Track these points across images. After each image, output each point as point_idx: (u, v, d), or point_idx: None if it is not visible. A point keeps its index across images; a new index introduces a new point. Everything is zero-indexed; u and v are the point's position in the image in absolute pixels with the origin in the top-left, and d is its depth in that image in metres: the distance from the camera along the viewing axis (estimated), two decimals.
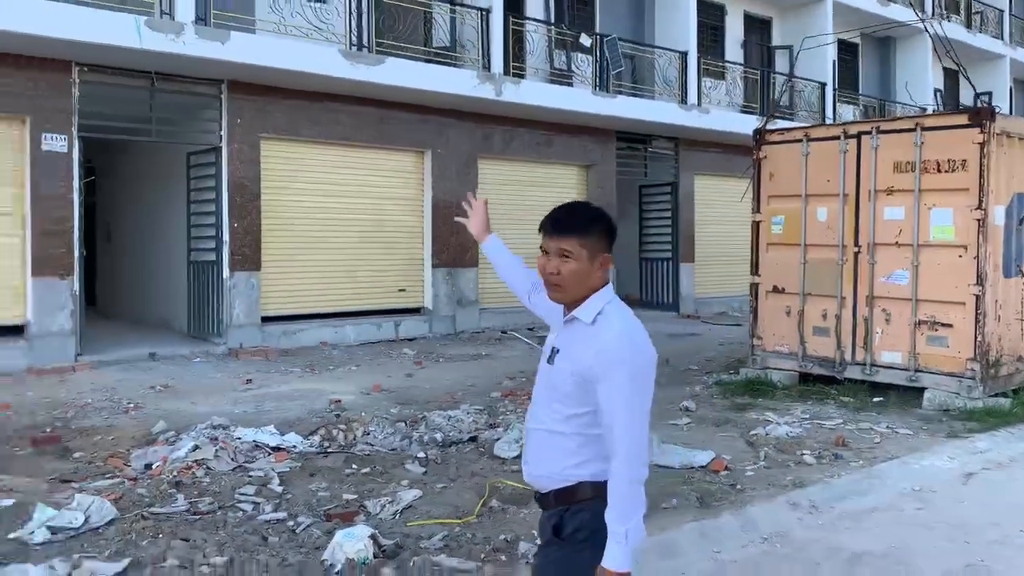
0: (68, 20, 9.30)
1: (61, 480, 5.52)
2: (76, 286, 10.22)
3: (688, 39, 16.66)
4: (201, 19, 10.49)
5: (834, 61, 20.51)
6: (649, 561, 4.06)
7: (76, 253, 10.23)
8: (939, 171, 8.16)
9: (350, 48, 11.77)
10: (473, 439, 6.83)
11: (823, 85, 19.55)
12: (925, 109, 19.93)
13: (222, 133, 11.39)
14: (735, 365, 10.04)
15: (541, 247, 2.45)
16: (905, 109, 21.54)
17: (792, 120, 18.23)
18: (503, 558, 4.39)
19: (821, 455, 6.31)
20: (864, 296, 8.59)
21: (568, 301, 2.46)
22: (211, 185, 11.58)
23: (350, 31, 11.89)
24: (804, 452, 6.37)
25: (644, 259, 18.11)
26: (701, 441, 6.74)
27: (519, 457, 6.14)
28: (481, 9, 13.46)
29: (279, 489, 5.46)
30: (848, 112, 21.16)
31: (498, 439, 6.65)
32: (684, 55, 16.55)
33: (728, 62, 18.52)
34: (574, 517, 2.38)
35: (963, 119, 8.10)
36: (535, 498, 2.57)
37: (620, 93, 15.51)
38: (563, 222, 2.43)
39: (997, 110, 8.23)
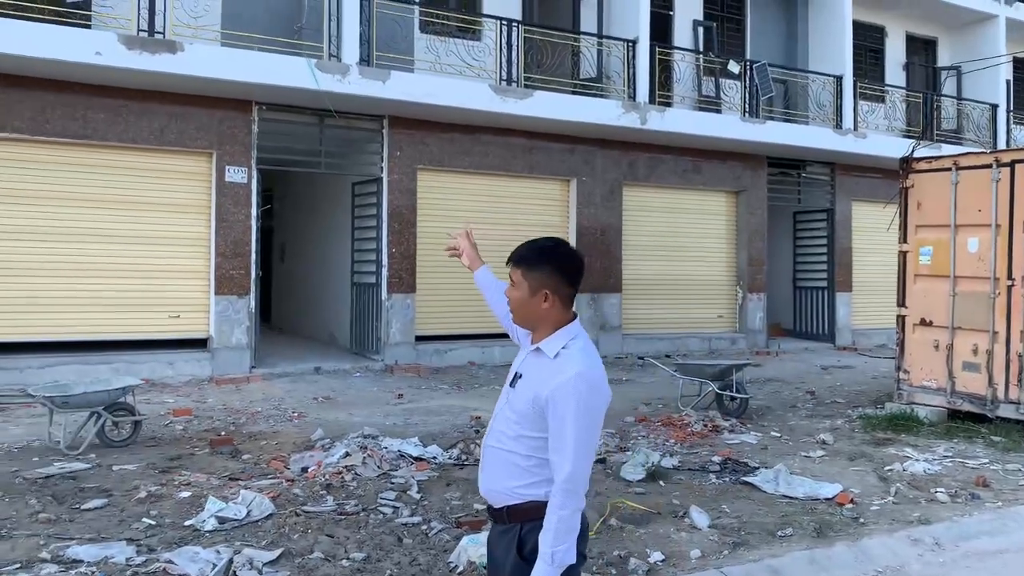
0: (249, 64, 10.45)
1: (230, 478, 6.26)
2: (252, 304, 11.33)
3: (844, 62, 16.27)
4: (364, 60, 11.43)
5: (1008, 81, 19.35)
6: None
7: (253, 274, 11.34)
8: None
9: (500, 83, 12.41)
10: (602, 460, 7.09)
11: (994, 107, 18.46)
12: None
13: (383, 165, 12.30)
14: (883, 399, 9.76)
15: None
16: None
17: (961, 145, 17.37)
18: (613, 572, 4.65)
19: (957, 494, 6.15)
20: (1019, 331, 8.20)
21: (524, 326, 2.70)
22: (373, 213, 12.51)
23: (500, 67, 12.54)
24: (939, 490, 6.22)
25: (799, 287, 17.71)
26: (832, 474, 6.70)
27: (644, 480, 6.40)
28: (628, 40, 13.79)
29: (417, 496, 5.94)
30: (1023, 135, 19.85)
31: (625, 462, 6.89)
32: (839, 79, 16.17)
33: (888, 85, 17.88)
34: (531, 535, 2.52)
35: None
36: (487, 511, 2.75)
37: (771, 118, 15.38)
38: (516, 253, 2.66)
39: None
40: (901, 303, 9.32)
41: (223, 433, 7.81)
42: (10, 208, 10.16)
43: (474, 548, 4.75)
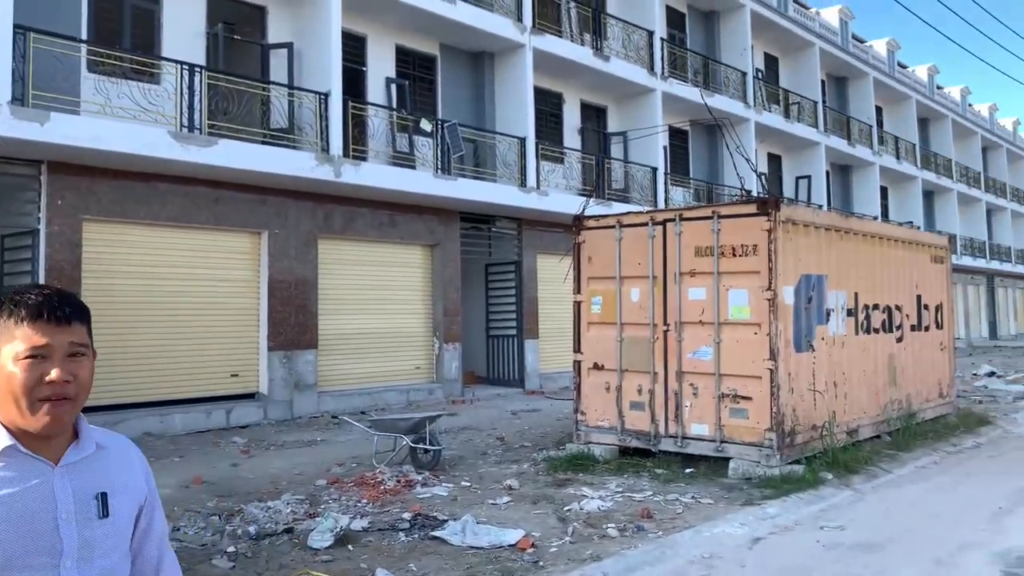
0: None
1: None
2: None
3: (527, 125, 17.44)
4: (18, 99, 10.19)
5: (665, 147, 21.95)
6: None
7: None
8: (734, 255, 8.87)
9: (180, 129, 11.68)
10: (289, 530, 6.72)
11: (655, 170, 20.82)
12: (750, 192, 21.58)
13: (40, 215, 10.97)
14: (565, 440, 10.34)
15: (29, 352, 1.64)
16: (731, 191, 23.22)
17: (628, 203, 19.29)
18: None
19: (625, 528, 6.60)
20: (674, 371, 9.13)
21: (69, 425, 1.71)
22: (27, 270, 11.10)
23: (180, 113, 11.81)
24: (610, 525, 6.64)
25: (491, 336, 18.46)
26: (516, 519, 6.90)
27: (331, 547, 6.14)
28: (320, 93, 13.68)
29: None
30: (679, 194, 22.59)
31: (313, 529, 6.59)
32: (523, 140, 17.30)
33: (566, 148, 19.47)
34: None
35: (753, 208, 8.87)
36: None
37: (462, 176, 16.01)
38: (66, 305, 1.70)
39: (783, 200, 9.08)
40: (577, 349, 10.00)
41: None
42: None
43: None
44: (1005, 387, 18.09)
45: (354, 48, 15.66)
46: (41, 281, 10.85)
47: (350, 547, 6.17)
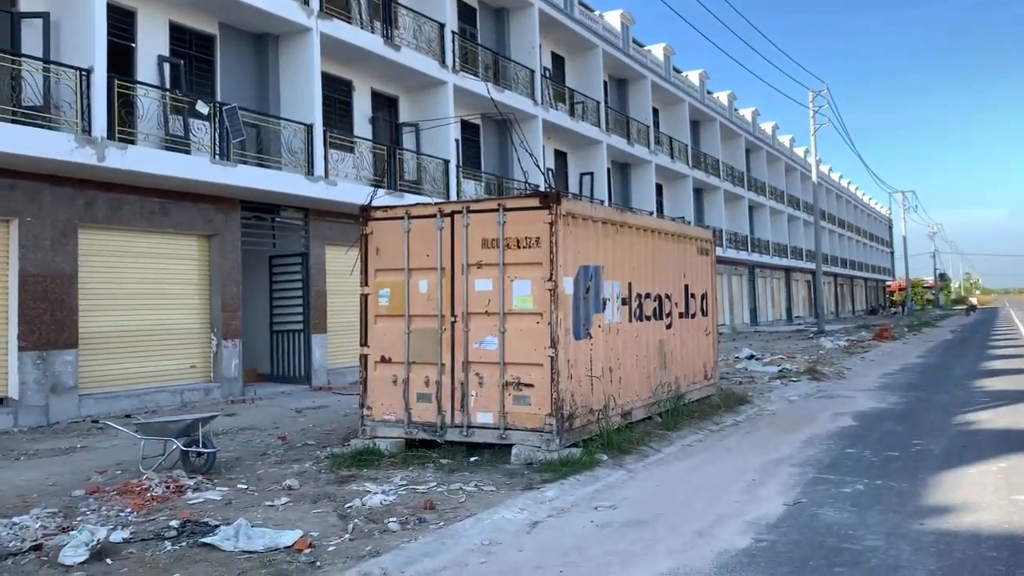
0: None
1: None
2: None
3: (314, 112, 16.92)
4: None
5: (457, 140, 22.13)
6: None
7: None
8: (519, 247, 9.05)
9: None
10: (37, 547, 6.08)
11: (447, 162, 20.92)
12: (537, 186, 22.20)
13: None
14: (351, 436, 10.13)
15: None
16: (521, 185, 23.82)
17: (421, 194, 19.25)
18: None
19: (407, 521, 6.53)
20: (461, 362, 9.19)
21: None
22: None
23: None
24: (391, 520, 6.54)
25: (276, 331, 17.79)
26: (294, 520, 6.64)
27: (86, 562, 5.62)
28: (81, 69, 12.51)
29: None
30: (471, 187, 22.86)
31: (65, 544, 5.99)
32: (310, 127, 16.76)
33: (356, 137, 19.10)
34: None
35: (536, 202, 9.08)
36: None
37: (244, 162, 15.27)
38: None
39: (564, 194, 9.37)
40: (364, 342, 9.81)
41: None
42: None
43: None
44: (763, 369, 19.87)
45: (122, 22, 14.49)
46: None
47: (108, 560, 5.68)
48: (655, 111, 37.94)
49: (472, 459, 8.81)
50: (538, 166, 12.28)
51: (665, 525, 6.48)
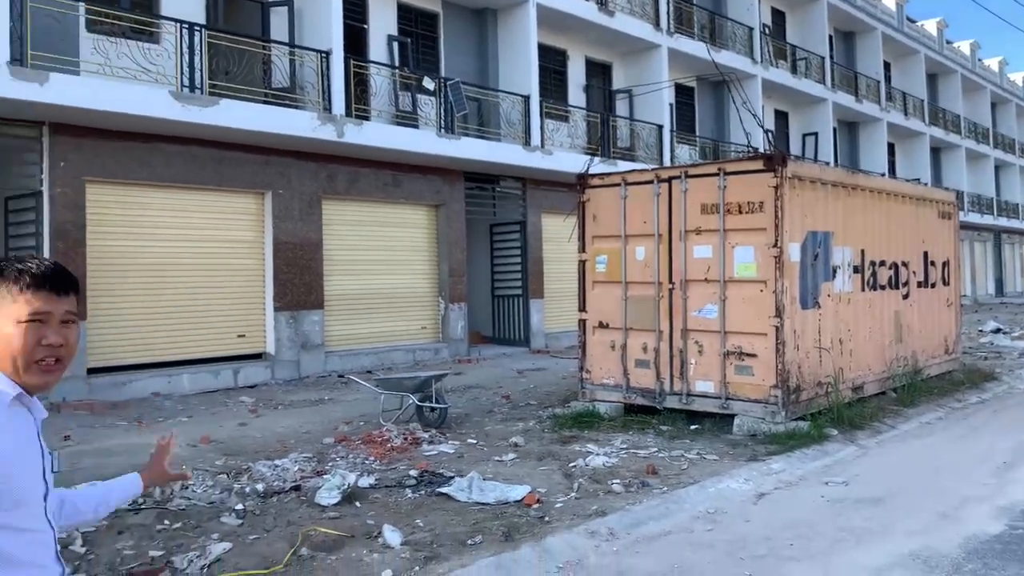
0: None
1: None
2: None
3: (531, 83, 17.26)
4: (17, 59, 10.10)
5: (671, 104, 21.71)
6: None
7: None
8: (740, 212, 8.80)
9: (181, 90, 11.58)
10: (296, 488, 6.78)
11: (660, 127, 20.62)
12: (757, 149, 21.37)
13: (43, 177, 10.94)
14: (570, 398, 10.39)
15: (30, 317, 1.82)
16: (738, 148, 23.02)
17: (634, 161, 19.15)
18: None
19: (630, 484, 6.64)
20: (679, 329, 9.12)
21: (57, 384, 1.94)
22: (31, 231, 11.08)
23: (181, 72, 11.70)
24: (615, 481, 6.68)
25: (496, 296, 18.47)
26: (522, 476, 6.95)
27: (339, 504, 6.20)
28: (321, 52, 13.53)
29: (82, 550, 5.26)
30: (685, 152, 22.40)
31: (320, 487, 6.64)
32: (526, 99, 17.13)
33: (570, 106, 19.28)
34: None
35: (759, 164, 8.77)
36: None
37: (466, 135, 15.88)
38: (65, 277, 1.90)
39: (789, 156, 8.97)
40: (582, 308, 9.99)
41: None
42: None
43: None
44: (1011, 344, 18.09)
45: (355, 5, 15.46)
46: (46, 242, 10.87)
47: (357, 504, 6.22)
48: (887, 65, 35.10)
49: (692, 427, 8.76)
50: (761, 126, 11.78)
51: (903, 504, 6.14)
